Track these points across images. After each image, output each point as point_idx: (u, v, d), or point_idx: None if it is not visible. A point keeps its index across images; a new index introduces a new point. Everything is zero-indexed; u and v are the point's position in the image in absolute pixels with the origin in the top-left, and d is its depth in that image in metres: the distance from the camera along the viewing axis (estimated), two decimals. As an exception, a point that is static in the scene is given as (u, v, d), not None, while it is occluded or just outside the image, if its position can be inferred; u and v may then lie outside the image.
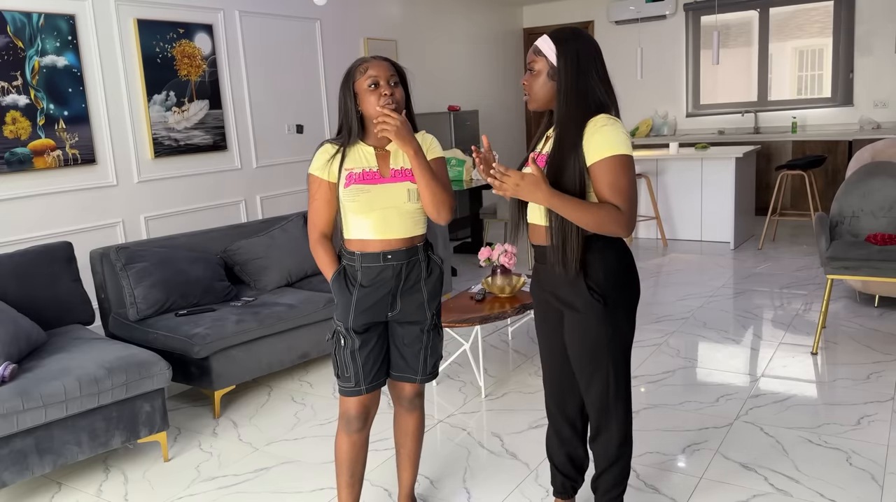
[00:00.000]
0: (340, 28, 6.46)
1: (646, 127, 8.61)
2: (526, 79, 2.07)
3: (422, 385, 2.38)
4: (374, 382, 2.27)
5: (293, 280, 4.24)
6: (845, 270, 3.82)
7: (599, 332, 2.07)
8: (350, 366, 2.23)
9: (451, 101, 7.82)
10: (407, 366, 2.31)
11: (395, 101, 2.10)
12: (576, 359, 2.15)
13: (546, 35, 2.05)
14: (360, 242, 2.19)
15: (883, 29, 7.37)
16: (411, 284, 2.22)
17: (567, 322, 2.14)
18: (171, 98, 5.03)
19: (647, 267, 6.10)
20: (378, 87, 2.09)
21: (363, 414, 2.28)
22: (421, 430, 2.46)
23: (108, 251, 3.73)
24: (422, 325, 2.27)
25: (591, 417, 2.23)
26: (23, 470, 2.69)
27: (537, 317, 2.29)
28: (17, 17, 4.18)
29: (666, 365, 3.86)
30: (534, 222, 2.12)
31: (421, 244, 2.24)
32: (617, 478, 2.28)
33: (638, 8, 8.50)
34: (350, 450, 2.32)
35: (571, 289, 2.06)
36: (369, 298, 2.19)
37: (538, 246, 2.13)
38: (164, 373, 3.04)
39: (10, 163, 4.18)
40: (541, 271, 2.18)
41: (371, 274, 2.18)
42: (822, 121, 7.82)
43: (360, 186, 2.13)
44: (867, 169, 4.34)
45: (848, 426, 3.05)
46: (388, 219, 2.15)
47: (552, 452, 2.40)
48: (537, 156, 2.11)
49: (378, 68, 2.11)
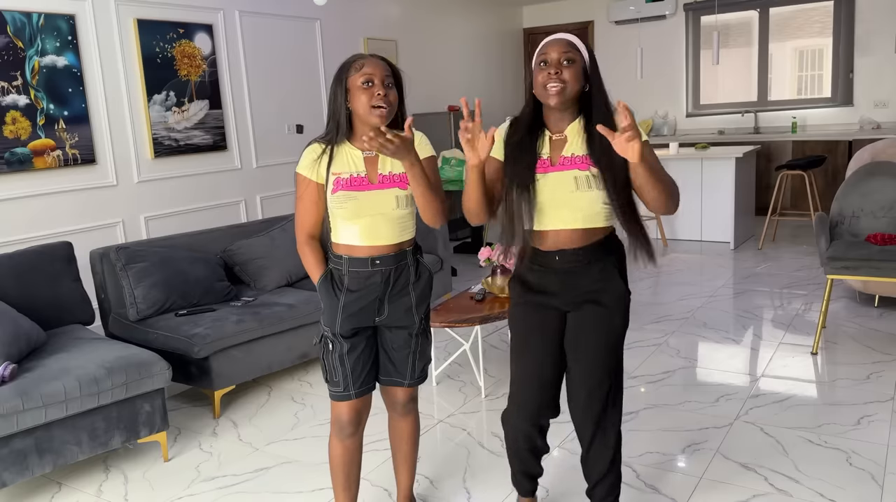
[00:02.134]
0: (340, 28, 6.46)
1: (646, 127, 8.61)
2: (557, 69, 1.94)
3: (414, 389, 2.35)
4: (364, 387, 2.24)
5: (293, 280, 4.24)
6: (845, 270, 3.82)
7: (620, 326, 2.11)
8: (338, 370, 2.20)
9: (451, 101, 7.82)
10: (395, 371, 2.28)
11: (389, 104, 2.04)
12: (591, 358, 2.10)
13: (563, 34, 2.01)
14: (347, 247, 2.15)
15: (883, 29, 7.37)
16: (399, 289, 2.19)
17: (584, 318, 2.09)
18: (171, 98, 5.03)
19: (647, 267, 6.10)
20: (372, 85, 2.02)
21: (355, 419, 2.27)
22: (416, 434, 2.45)
23: (108, 251, 3.73)
24: (410, 330, 2.24)
25: (588, 424, 2.17)
26: (23, 470, 2.69)
27: (528, 324, 2.16)
28: (17, 17, 4.17)
29: (666, 365, 3.86)
30: (560, 227, 2.04)
31: (410, 248, 2.21)
32: (615, 481, 2.27)
33: (638, 8, 8.50)
34: (343, 455, 2.31)
35: (602, 285, 2.07)
36: (356, 303, 2.16)
37: (558, 251, 2.05)
38: (164, 373, 3.04)
39: (10, 163, 4.17)
40: (547, 276, 2.09)
41: (358, 278, 2.15)
42: (822, 121, 7.82)
43: (347, 193, 2.08)
44: (867, 169, 4.34)
45: (848, 426, 3.04)
46: (376, 225, 2.11)
47: (521, 458, 2.34)
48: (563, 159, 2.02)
49: (374, 66, 2.04)
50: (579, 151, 2.01)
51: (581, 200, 2.00)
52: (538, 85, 1.99)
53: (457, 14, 8.08)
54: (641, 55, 8.12)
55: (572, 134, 2.04)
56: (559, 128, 2.05)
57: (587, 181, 1.98)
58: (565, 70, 1.94)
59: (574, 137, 2.03)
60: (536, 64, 2.00)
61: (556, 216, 2.03)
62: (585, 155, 1.99)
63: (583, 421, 2.18)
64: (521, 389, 2.21)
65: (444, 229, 4.99)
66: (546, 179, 2.02)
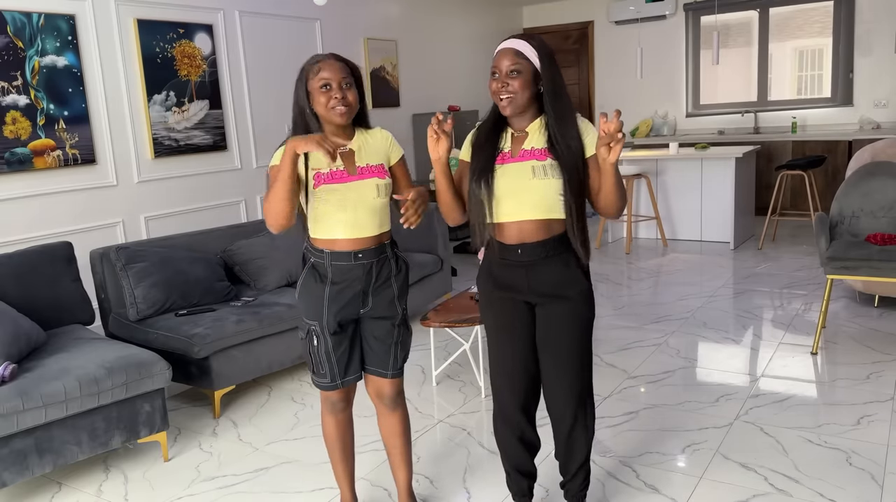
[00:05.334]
0: (340, 28, 6.46)
1: (646, 127, 8.61)
2: (503, 81, 2.06)
3: (399, 381, 2.39)
4: (349, 376, 2.32)
5: (293, 280, 4.23)
6: (845, 270, 3.82)
7: (587, 316, 2.20)
8: (325, 363, 2.28)
9: (451, 101, 7.82)
10: (378, 361, 2.34)
11: (348, 104, 2.13)
12: (564, 350, 2.19)
13: (515, 38, 2.10)
14: (328, 241, 2.21)
15: (883, 29, 7.37)
16: (382, 281, 2.27)
17: (552, 314, 2.18)
18: (171, 98, 5.03)
19: (647, 267, 6.10)
20: (330, 89, 2.11)
21: (344, 398, 2.39)
22: (407, 428, 2.47)
23: (108, 251, 3.73)
24: (393, 320, 2.31)
25: (566, 414, 2.24)
26: (23, 470, 2.69)
27: (499, 320, 2.23)
28: (17, 17, 4.18)
29: (666, 365, 3.86)
30: (520, 218, 2.11)
31: (388, 242, 2.29)
32: (587, 470, 2.37)
33: (638, 8, 8.50)
34: (337, 428, 2.42)
35: (566, 278, 2.16)
36: (342, 296, 2.22)
37: (520, 244, 2.12)
38: (164, 373, 3.04)
39: (10, 163, 4.17)
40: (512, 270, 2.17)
41: (341, 271, 2.21)
42: (822, 121, 7.82)
43: (329, 186, 2.16)
44: (867, 169, 4.34)
45: (848, 426, 3.05)
46: (359, 217, 2.18)
47: (517, 460, 2.38)
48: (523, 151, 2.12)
49: (330, 69, 2.12)
50: (539, 145, 2.11)
51: (538, 188, 2.08)
52: (491, 93, 2.12)
53: (457, 14, 8.08)
54: (641, 55, 8.12)
55: (533, 130, 2.14)
56: (521, 127, 2.16)
57: (543, 170, 2.08)
58: (512, 81, 2.05)
59: (534, 133, 2.14)
60: (490, 73, 2.12)
61: (515, 204, 2.11)
62: (544, 148, 2.10)
63: (562, 415, 2.26)
64: (501, 384, 2.30)
65: (445, 229, 4.99)
66: (505, 169, 2.12)
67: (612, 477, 2.76)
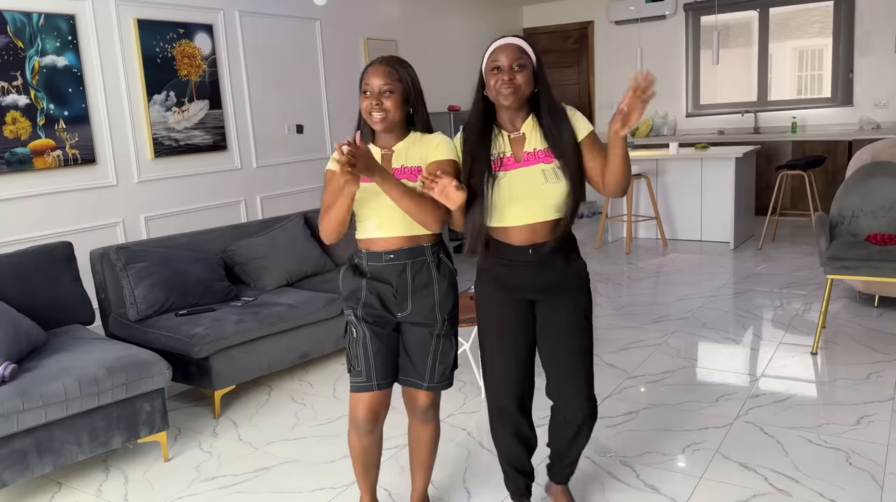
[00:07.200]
0: (340, 28, 6.46)
1: (645, 127, 8.61)
2: (510, 75, 2.06)
3: (435, 395, 2.35)
4: (384, 380, 2.26)
5: (293, 280, 4.24)
6: (845, 270, 3.82)
7: (587, 304, 2.26)
8: (361, 357, 2.22)
9: (451, 101, 7.82)
10: (414, 370, 2.28)
11: (383, 110, 2.13)
12: (567, 340, 2.22)
13: (511, 37, 2.13)
14: (367, 241, 2.24)
15: (883, 29, 7.37)
16: (422, 285, 2.22)
17: (555, 307, 2.21)
18: (171, 98, 5.03)
19: (647, 267, 6.10)
20: (370, 94, 2.15)
21: (371, 418, 2.27)
22: (435, 441, 2.46)
23: (108, 251, 3.73)
24: (432, 329, 2.26)
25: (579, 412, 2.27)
26: (23, 470, 2.69)
27: (501, 320, 2.25)
28: (17, 17, 4.17)
29: (666, 365, 3.86)
30: (532, 221, 2.14)
31: (429, 244, 2.24)
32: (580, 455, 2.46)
33: (638, 8, 8.50)
34: (361, 450, 2.35)
35: (566, 271, 2.20)
36: (378, 287, 2.23)
37: (531, 245, 2.15)
38: (164, 373, 3.04)
39: (10, 163, 4.17)
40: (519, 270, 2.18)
41: (377, 271, 2.23)
42: (822, 121, 7.81)
43: (364, 185, 2.13)
44: (867, 169, 4.33)
45: (848, 426, 3.05)
46: (390, 216, 2.17)
47: (515, 458, 2.41)
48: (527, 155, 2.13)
49: (373, 76, 2.15)
50: (540, 146, 2.14)
51: (551, 192, 2.11)
52: (491, 88, 2.10)
53: (457, 14, 8.08)
54: (641, 55, 8.12)
55: (528, 130, 2.15)
56: (515, 127, 2.17)
57: (554, 173, 2.11)
58: (518, 75, 2.07)
59: (531, 134, 2.15)
60: (489, 69, 2.11)
61: (525, 208, 2.13)
62: (546, 149, 2.13)
63: (574, 408, 2.28)
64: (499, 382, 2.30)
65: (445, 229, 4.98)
66: (514, 174, 2.12)
67: (612, 477, 2.76)
